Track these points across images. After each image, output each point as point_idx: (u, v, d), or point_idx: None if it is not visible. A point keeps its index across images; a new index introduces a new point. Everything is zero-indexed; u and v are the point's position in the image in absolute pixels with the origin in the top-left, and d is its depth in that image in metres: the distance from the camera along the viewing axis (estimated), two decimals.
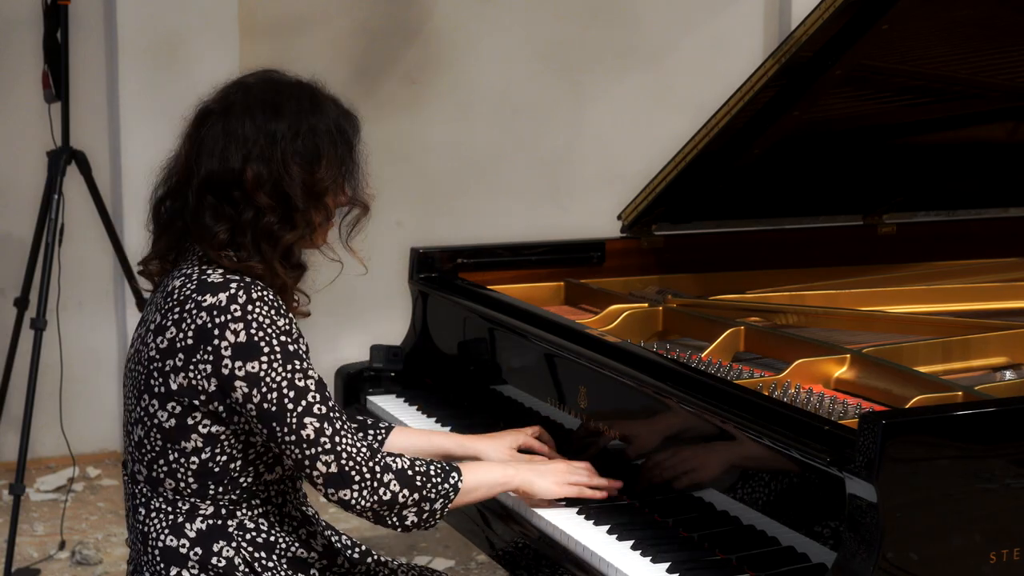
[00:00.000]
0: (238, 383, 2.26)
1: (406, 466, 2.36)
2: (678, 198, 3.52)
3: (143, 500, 2.38)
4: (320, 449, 2.28)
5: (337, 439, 2.29)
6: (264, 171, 2.32)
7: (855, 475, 2.06)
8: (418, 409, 3.25)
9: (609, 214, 3.69)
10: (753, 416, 2.31)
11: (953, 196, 3.87)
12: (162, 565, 2.34)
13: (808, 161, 3.58)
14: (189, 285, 2.32)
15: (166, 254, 2.42)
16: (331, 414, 2.31)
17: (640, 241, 3.62)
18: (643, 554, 2.38)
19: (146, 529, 2.37)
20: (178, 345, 2.29)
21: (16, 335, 4.53)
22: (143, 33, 5.25)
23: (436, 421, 3.14)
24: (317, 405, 2.29)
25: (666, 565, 2.32)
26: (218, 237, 2.32)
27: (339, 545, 2.55)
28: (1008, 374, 2.71)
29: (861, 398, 2.59)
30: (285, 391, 2.27)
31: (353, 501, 2.31)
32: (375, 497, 2.31)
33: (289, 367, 2.28)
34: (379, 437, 2.70)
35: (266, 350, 2.27)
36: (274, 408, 2.26)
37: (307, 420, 2.28)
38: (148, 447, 2.35)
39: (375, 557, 2.61)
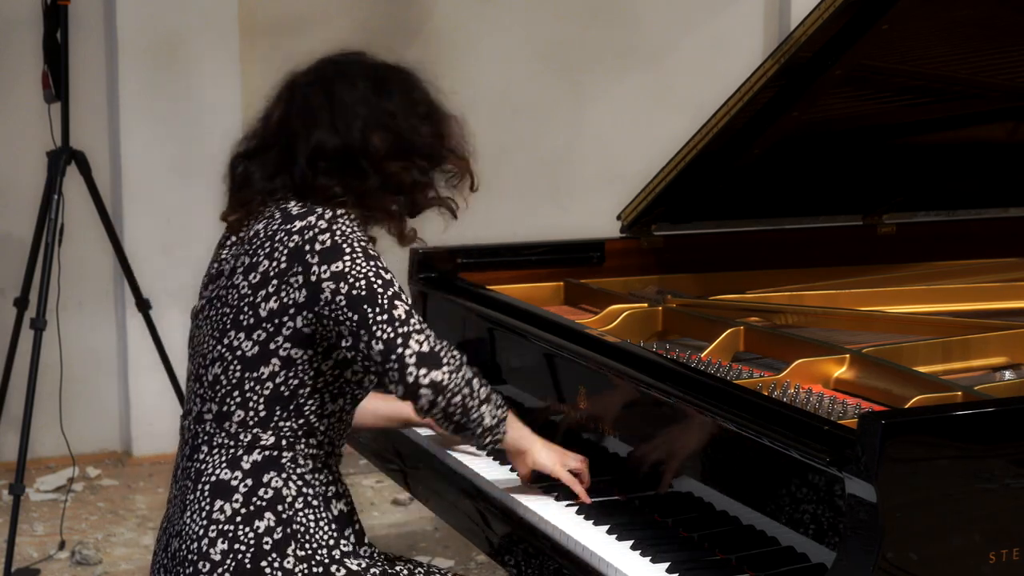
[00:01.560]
0: (325, 284, 2.34)
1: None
2: (678, 198, 3.52)
3: (205, 439, 2.43)
4: (412, 328, 2.34)
5: (424, 324, 2.37)
6: (389, 137, 2.46)
7: (855, 475, 2.05)
8: None
9: (609, 214, 3.69)
10: (753, 416, 2.31)
11: (953, 196, 3.87)
12: (208, 499, 2.38)
13: (808, 161, 3.58)
14: (273, 223, 2.42)
15: (245, 205, 2.50)
16: (413, 308, 2.39)
17: (640, 241, 3.62)
18: (643, 554, 2.38)
19: (202, 467, 2.41)
20: (271, 273, 2.39)
21: (16, 335, 4.52)
22: (143, 33, 5.25)
23: None
24: (404, 296, 2.37)
25: (666, 565, 2.33)
26: (332, 190, 2.43)
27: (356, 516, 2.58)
28: (1008, 374, 2.71)
29: (861, 398, 2.58)
30: (372, 279, 2.35)
31: (445, 380, 2.34)
32: (460, 374, 2.36)
33: (372, 263, 2.37)
34: None
35: (347, 250, 2.36)
36: (364, 292, 2.34)
37: (398, 302, 2.35)
38: (224, 381, 2.41)
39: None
